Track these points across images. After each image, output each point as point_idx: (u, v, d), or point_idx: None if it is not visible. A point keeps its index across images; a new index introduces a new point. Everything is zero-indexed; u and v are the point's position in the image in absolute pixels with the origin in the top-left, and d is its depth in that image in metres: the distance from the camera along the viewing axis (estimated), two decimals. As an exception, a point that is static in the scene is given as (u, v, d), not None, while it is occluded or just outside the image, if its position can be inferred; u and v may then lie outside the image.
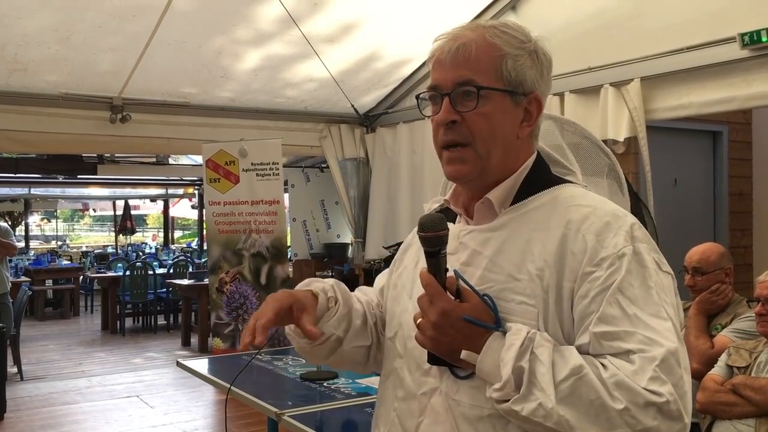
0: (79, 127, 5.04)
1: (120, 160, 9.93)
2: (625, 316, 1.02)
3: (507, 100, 1.15)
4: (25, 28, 4.13)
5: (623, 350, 1.00)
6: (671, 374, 0.98)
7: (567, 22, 4.37)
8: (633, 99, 3.93)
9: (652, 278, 1.05)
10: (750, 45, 3.34)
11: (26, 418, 5.52)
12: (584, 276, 1.05)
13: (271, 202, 5.32)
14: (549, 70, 1.20)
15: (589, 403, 0.98)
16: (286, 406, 2.57)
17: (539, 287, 1.08)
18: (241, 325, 5.34)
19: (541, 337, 1.04)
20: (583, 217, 1.09)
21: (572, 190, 1.17)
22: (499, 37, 1.16)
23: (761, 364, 2.64)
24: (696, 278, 3.13)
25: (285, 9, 4.29)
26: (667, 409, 0.97)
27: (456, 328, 1.07)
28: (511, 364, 1.02)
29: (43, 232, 23.49)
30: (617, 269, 1.04)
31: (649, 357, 0.98)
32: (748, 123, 5.29)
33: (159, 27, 4.26)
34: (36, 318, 10.65)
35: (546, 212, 1.13)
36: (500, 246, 1.14)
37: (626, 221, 1.08)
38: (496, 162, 1.15)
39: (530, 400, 1.00)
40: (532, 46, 1.17)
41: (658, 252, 1.10)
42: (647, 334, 1.00)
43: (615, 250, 1.05)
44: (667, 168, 4.77)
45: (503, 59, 1.14)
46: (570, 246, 1.07)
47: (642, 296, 1.03)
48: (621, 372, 0.98)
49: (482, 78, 1.13)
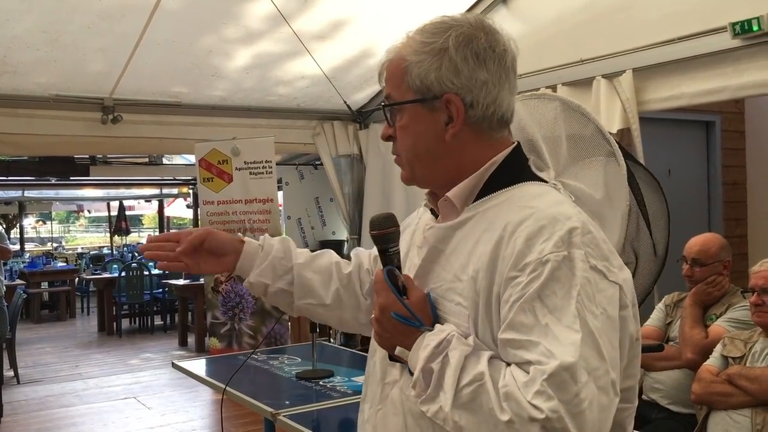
0: (70, 129, 5.01)
1: (112, 161, 9.88)
2: (536, 324, 0.97)
3: (419, 108, 1.12)
4: (14, 30, 4.10)
5: (524, 360, 0.97)
6: (561, 390, 0.92)
7: (558, 15, 4.36)
8: (625, 90, 3.93)
9: (577, 287, 0.98)
10: (741, 34, 3.33)
11: (23, 422, 5.50)
12: (508, 281, 1.01)
13: (264, 201, 5.31)
14: (474, 61, 1.10)
15: (487, 411, 0.95)
16: (282, 405, 2.56)
17: (473, 289, 1.06)
18: (237, 324, 5.33)
19: (459, 340, 1.03)
20: (520, 220, 1.04)
21: (530, 190, 1.12)
22: (409, 47, 1.13)
23: (756, 354, 2.64)
24: (694, 269, 3.13)
25: (275, 6, 4.27)
26: (550, 426, 0.91)
27: (392, 324, 1.08)
28: (422, 364, 1.02)
29: (39, 234, 23.44)
30: (538, 276, 0.99)
31: (541, 370, 0.94)
32: (740, 112, 5.29)
33: (148, 27, 4.24)
34: (32, 321, 10.62)
35: (497, 212, 1.09)
36: (456, 244, 1.12)
37: (565, 226, 1.01)
38: (423, 169, 1.15)
39: (435, 402, 1.00)
40: (439, 45, 1.10)
41: (609, 260, 1.04)
42: (550, 345, 0.95)
43: (540, 255, 0.99)
44: (660, 159, 4.77)
45: (407, 69, 1.12)
46: (502, 249, 1.04)
47: (561, 305, 0.97)
48: (515, 383, 0.95)
49: (396, 93, 1.14)
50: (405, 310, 1.08)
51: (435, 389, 1.01)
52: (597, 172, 1.22)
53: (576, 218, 1.03)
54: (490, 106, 1.12)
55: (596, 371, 0.95)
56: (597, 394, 0.94)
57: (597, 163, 1.22)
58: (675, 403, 3.11)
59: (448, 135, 1.12)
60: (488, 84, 1.11)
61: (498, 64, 1.12)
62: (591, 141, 1.25)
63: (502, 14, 4.75)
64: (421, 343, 1.05)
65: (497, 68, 1.12)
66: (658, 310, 3.38)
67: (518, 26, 4.69)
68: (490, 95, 1.11)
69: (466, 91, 1.11)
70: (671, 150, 4.98)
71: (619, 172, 1.22)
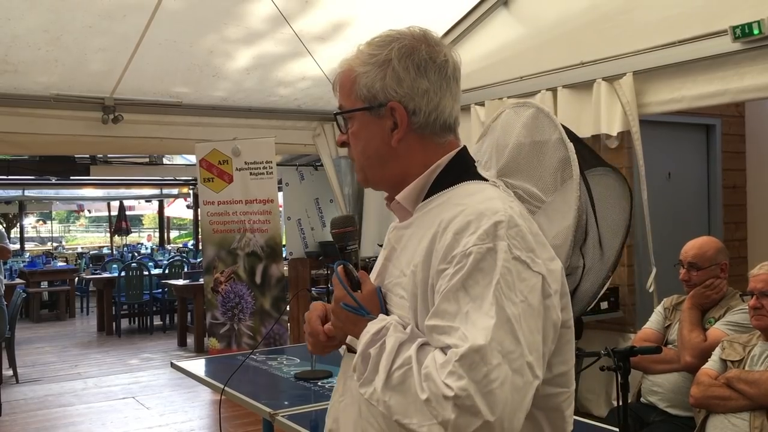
0: (70, 128, 5.01)
1: (113, 160, 9.89)
2: (458, 312, 1.05)
3: (367, 116, 1.22)
4: (15, 30, 4.11)
5: (444, 344, 1.04)
6: (472, 371, 0.99)
7: (559, 17, 4.36)
8: (626, 93, 3.93)
9: (496, 276, 1.04)
10: (742, 38, 3.34)
11: (22, 422, 5.50)
12: (438, 273, 1.09)
13: (265, 201, 5.31)
14: (415, 71, 1.19)
15: (413, 393, 1.03)
16: (281, 405, 2.56)
17: (413, 283, 1.14)
18: (236, 324, 5.33)
19: (395, 328, 1.11)
20: (452, 216, 1.12)
21: (468, 188, 1.19)
22: (357, 59, 1.23)
23: (755, 357, 2.64)
24: (691, 273, 3.13)
25: (276, 7, 4.27)
26: (460, 404, 0.99)
27: (343, 314, 1.19)
28: (361, 349, 1.12)
29: (39, 233, 23.44)
30: (462, 267, 1.06)
31: (455, 352, 1.01)
32: (741, 116, 5.30)
33: (149, 26, 4.24)
34: (31, 320, 10.62)
35: (438, 211, 1.16)
36: (407, 243, 1.21)
37: (490, 220, 1.08)
38: (374, 172, 1.25)
39: (370, 384, 1.09)
40: (383, 57, 1.19)
41: (534, 251, 1.10)
42: (466, 330, 1.02)
43: (464, 248, 1.07)
44: (660, 162, 4.78)
45: (356, 79, 1.22)
46: (436, 244, 1.11)
47: (482, 294, 1.04)
48: (434, 365, 1.03)
49: (347, 102, 1.24)
50: (365, 302, 1.18)
51: (371, 373, 1.09)
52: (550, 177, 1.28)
53: (503, 213, 1.10)
54: (432, 113, 1.20)
55: (511, 354, 1.01)
56: (510, 375, 1.01)
57: (554, 170, 1.28)
58: (673, 406, 3.11)
59: (393, 140, 1.21)
60: (429, 92, 1.20)
61: (438, 74, 1.20)
62: (554, 146, 1.30)
63: (502, 16, 4.76)
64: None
65: (438, 78, 1.20)
66: (657, 313, 3.37)
67: (519, 28, 4.69)
68: (431, 103, 1.20)
69: (409, 99, 1.19)
70: (671, 153, 4.98)
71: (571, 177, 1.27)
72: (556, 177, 1.29)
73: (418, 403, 1.02)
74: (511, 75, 4.66)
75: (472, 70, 5.00)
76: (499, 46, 4.77)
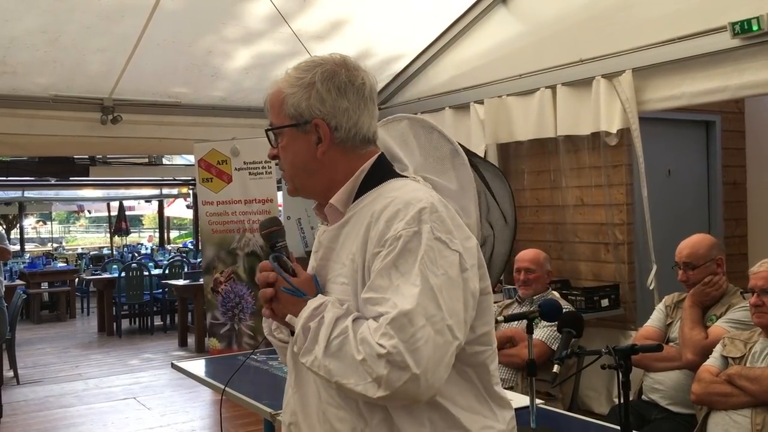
0: (70, 129, 5.01)
1: (112, 161, 9.88)
2: (390, 286, 1.21)
3: (294, 131, 1.37)
4: (13, 31, 4.10)
5: (377, 313, 1.20)
6: (400, 331, 1.16)
7: (558, 15, 4.36)
8: (625, 90, 3.92)
9: (421, 253, 1.22)
10: (741, 34, 3.33)
11: (23, 423, 5.50)
12: (373, 256, 1.26)
13: (264, 201, 5.31)
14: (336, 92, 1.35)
15: (350, 357, 1.19)
16: (282, 406, 2.55)
17: (351, 269, 1.31)
18: (237, 325, 5.33)
19: (333, 305, 1.26)
20: (383, 207, 1.28)
21: (394, 184, 1.36)
22: (285, 82, 1.38)
23: (756, 354, 2.64)
24: (688, 272, 3.12)
25: (274, 6, 4.27)
26: (392, 360, 1.15)
27: (283, 298, 1.33)
28: (301, 323, 1.26)
29: (39, 234, 23.45)
30: (393, 248, 1.23)
31: (386, 317, 1.18)
32: (741, 112, 5.29)
33: (148, 27, 4.24)
34: (32, 321, 10.61)
35: (370, 207, 1.32)
36: (344, 240, 1.36)
37: (415, 207, 1.25)
38: (303, 181, 1.40)
39: (311, 353, 1.24)
40: (308, 80, 1.35)
41: (452, 233, 1.27)
42: (396, 299, 1.19)
43: (395, 233, 1.24)
44: (660, 159, 4.77)
45: (284, 100, 1.37)
46: (371, 232, 1.28)
47: (409, 269, 1.21)
48: (368, 330, 1.19)
49: (277, 119, 1.39)
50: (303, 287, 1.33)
51: (311, 343, 1.24)
52: (447, 168, 1.45)
53: (426, 201, 1.27)
54: (352, 129, 1.37)
55: (433, 317, 1.19)
56: (433, 335, 1.18)
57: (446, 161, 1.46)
58: (675, 404, 3.11)
59: (319, 153, 1.36)
60: (349, 111, 1.36)
61: (357, 95, 1.37)
62: (437, 144, 1.48)
63: (501, 14, 4.75)
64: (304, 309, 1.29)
65: (356, 98, 1.37)
66: (659, 311, 3.37)
67: (518, 26, 4.68)
68: (351, 120, 1.36)
69: (331, 117, 1.35)
70: (671, 150, 4.97)
71: (462, 164, 1.46)
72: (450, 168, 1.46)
73: (354, 365, 1.18)
74: (510, 73, 4.65)
75: (470, 68, 4.99)
76: (497, 43, 4.77)
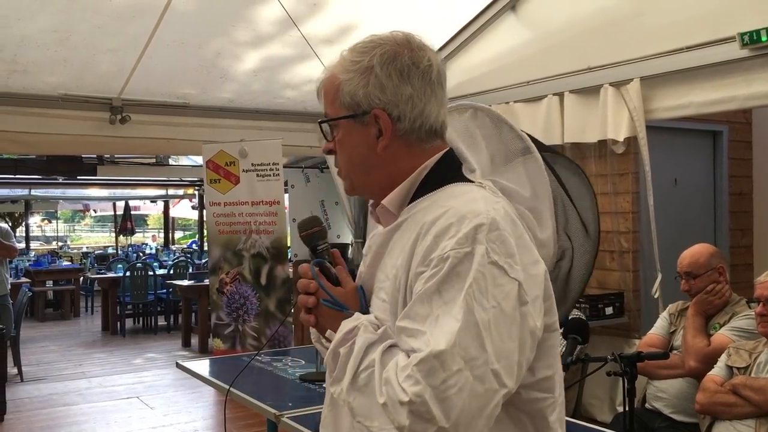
0: (78, 128, 5.04)
1: (120, 161, 9.92)
2: (429, 315, 1.03)
3: (351, 123, 1.20)
4: (25, 30, 4.13)
5: (410, 347, 1.03)
6: (429, 376, 0.97)
7: (567, 22, 4.37)
8: (633, 99, 3.93)
9: (469, 280, 1.03)
10: (750, 45, 3.34)
11: (26, 420, 5.52)
12: (416, 275, 1.08)
13: (271, 203, 5.32)
14: (398, 77, 1.17)
15: (374, 395, 1.02)
16: (286, 407, 2.56)
17: (393, 286, 1.14)
18: (241, 326, 5.34)
19: (366, 329, 1.10)
20: (434, 219, 1.10)
21: (454, 190, 1.17)
22: (339, 66, 1.21)
23: (761, 364, 2.63)
24: (690, 282, 3.14)
25: (284, 10, 4.29)
26: (415, 409, 0.97)
27: (324, 310, 1.18)
28: (332, 347, 1.11)
29: (44, 232, 23.50)
30: (438, 270, 1.04)
31: (416, 356, 1.00)
32: (748, 122, 5.29)
33: (158, 27, 4.26)
34: (36, 319, 10.64)
35: (424, 213, 1.14)
36: (392, 246, 1.19)
37: (471, 223, 1.06)
38: (361, 179, 1.23)
39: (339, 384, 1.08)
40: (365, 64, 1.18)
41: (514, 256, 1.07)
42: (431, 335, 1.01)
43: (442, 252, 1.05)
44: (667, 168, 4.77)
45: (339, 87, 1.20)
46: (418, 247, 1.10)
47: (454, 298, 1.02)
48: (394, 368, 1.02)
49: (331, 109, 1.22)
50: (344, 299, 1.18)
51: (340, 372, 1.09)
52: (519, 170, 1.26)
53: (485, 215, 1.07)
54: (417, 119, 1.18)
55: (474, 361, 0.99)
56: (471, 381, 0.99)
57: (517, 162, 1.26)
58: (678, 412, 3.11)
59: (379, 147, 1.19)
60: (413, 98, 1.17)
61: (422, 79, 1.18)
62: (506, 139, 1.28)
63: (510, 20, 4.76)
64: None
65: (421, 83, 1.18)
66: (663, 319, 3.37)
67: (526, 33, 4.70)
68: (416, 109, 1.18)
69: (393, 106, 1.17)
70: (678, 159, 4.97)
71: (537, 165, 1.26)
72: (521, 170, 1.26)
73: (375, 406, 1.02)
74: (518, 79, 4.66)
75: (479, 74, 5.00)
76: (506, 50, 4.78)
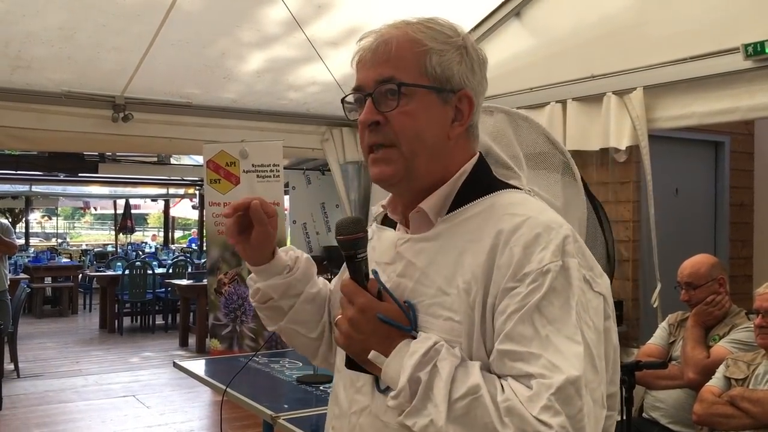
0: (81, 126, 5.03)
1: (121, 159, 9.93)
2: (536, 336, 0.94)
3: (433, 97, 1.06)
4: (29, 26, 4.14)
5: (524, 373, 0.93)
6: (568, 405, 0.90)
7: (571, 30, 4.37)
8: (635, 108, 3.93)
9: (575, 297, 0.96)
10: (753, 56, 3.34)
11: (22, 416, 5.51)
12: (506, 291, 0.98)
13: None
14: (482, 67, 1.11)
15: (483, 426, 0.92)
16: (282, 409, 2.56)
17: (466, 303, 1.01)
18: (239, 326, 5.33)
19: (448, 351, 0.98)
20: (514, 228, 1.00)
21: (511, 197, 1.08)
22: (423, 32, 1.08)
23: (759, 376, 2.63)
24: (690, 293, 3.13)
25: (290, 12, 4.29)
26: None
27: (371, 326, 1.02)
28: (408, 372, 0.96)
29: (44, 229, 23.51)
30: (539, 286, 0.95)
31: (546, 384, 0.91)
32: (750, 134, 5.29)
33: (163, 27, 4.26)
34: (34, 316, 10.64)
35: (481, 221, 1.04)
36: (433, 257, 1.06)
37: (559, 234, 0.99)
38: (423, 164, 1.07)
39: (423, 414, 0.95)
40: (461, 41, 1.09)
41: (593, 269, 1.02)
42: (552, 358, 0.92)
43: (540, 265, 0.96)
44: (668, 177, 4.77)
45: (427, 54, 1.06)
46: (498, 258, 0.99)
47: (560, 316, 0.95)
48: (516, 397, 0.92)
49: (404, 75, 1.06)
50: (392, 312, 1.02)
51: (422, 401, 0.95)
52: (555, 180, 1.19)
53: (566, 226, 1.02)
54: (479, 114, 1.13)
55: (591, 384, 0.94)
56: (593, 407, 0.94)
57: (554, 173, 1.20)
58: (675, 423, 3.10)
59: (452, 133, 1.08)
60: (484, 92, 1.12)
61: (485, 76, 1.13)
62: (544, 150, 1.22)
63: (514, 27, 4.77)
64: (404, 350, 0.99)
65: (485, 79, 1.13)
66: (662, 329, 3.37)
67: (530, 40, 4.70)
68: (482, 105, 1.13)
69: (476, 94, 1.10)
70: (679, 169, 4.97)
71: (574, 180, 1.20)
72: (558, 181, 1.20)
73: None
74: (521, 86, 4.66)
75: (482, 80, 5.01)
76: (510, 56, 4.78)
